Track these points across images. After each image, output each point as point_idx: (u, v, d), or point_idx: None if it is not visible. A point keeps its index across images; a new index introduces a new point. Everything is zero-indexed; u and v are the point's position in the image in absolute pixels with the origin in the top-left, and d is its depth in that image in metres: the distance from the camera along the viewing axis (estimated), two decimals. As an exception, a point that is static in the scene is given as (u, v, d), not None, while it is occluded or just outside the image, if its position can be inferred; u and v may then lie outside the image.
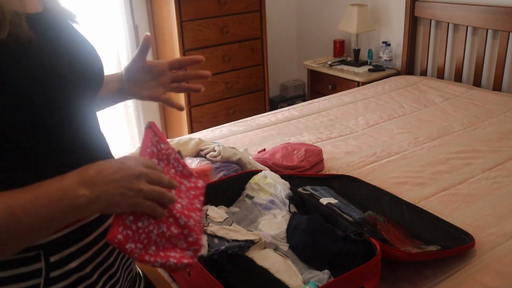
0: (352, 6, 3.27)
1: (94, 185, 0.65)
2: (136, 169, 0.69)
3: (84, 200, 0.64)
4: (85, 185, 0.65)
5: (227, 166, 1.65)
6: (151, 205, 0.71)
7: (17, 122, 0.65)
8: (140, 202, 0.69)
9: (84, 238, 0.75)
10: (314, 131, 2.32)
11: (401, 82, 3.00)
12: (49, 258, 0.70)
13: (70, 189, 0.64)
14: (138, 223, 0.72)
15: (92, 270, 0.76)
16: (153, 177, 0.71)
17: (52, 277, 0.71)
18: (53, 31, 0.74)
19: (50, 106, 0.68)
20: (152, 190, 0.70)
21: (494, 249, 1.36)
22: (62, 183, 0.65)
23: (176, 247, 0.77)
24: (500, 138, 2.10)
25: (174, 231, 0.76)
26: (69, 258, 0.73)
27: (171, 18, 3.01)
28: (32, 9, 0.73)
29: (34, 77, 0.65)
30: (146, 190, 0.69)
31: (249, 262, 1.16)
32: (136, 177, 0.68)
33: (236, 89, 3.39)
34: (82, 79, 0.75)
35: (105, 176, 0.66)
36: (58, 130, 0.71)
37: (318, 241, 1.19)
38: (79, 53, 0.77)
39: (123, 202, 0.67)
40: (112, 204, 0.67)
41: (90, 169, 0.67)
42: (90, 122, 0.79)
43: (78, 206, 0.64)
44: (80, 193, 0.64)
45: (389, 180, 1.78)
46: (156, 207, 0.71)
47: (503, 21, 2.62)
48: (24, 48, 0.65)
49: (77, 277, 0.74)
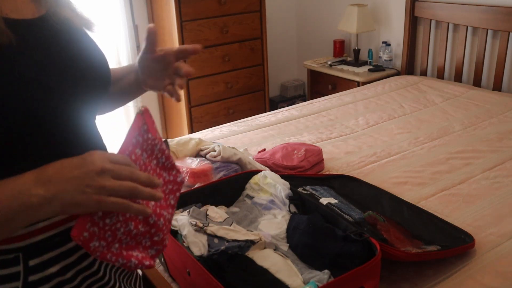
0: (352, 6, 3.27)
1: (50, 183, 0.61)
2: (98, 165, 0.63)
3: (37, 200, 0.60)
4: (40, 183, 0.61)
5: (227, 166, 1.65)
6: (118, 202, 0.64)
7: (4, 129, 0.63)
8: (103, 200, 0.63)
9: (66, 243, 0.73)
10: (314, 131, 2.32)
11: (401, 82, 3.00)
12: (28, 262, 0.69)
13: (24, 188, 0.60)
14: (106, 219, 0.68)
15: (74, 275, 0.74)
16: (122, 173, 0.65)
17: (30, 280, 0.69)
18: (49, 37, 0.72)
19: (34, 115, 0.65)
20: (119, 186, 0.64)
21: (494, 249, 1.36)
22: (16, 182, 0.61)
23: (140, 245, 0.75)
24: (500, 138, 2.10)
25: (141, 229, 0.73)
26: (50, 262, 0.71)
27: (171, 18, 3.01)
28: (28, 14, 0.71)
29: (14, 88, 0.62)
30: (110, 187, 0.63)
31: (249, 262, 1.16)
32: (98, 173, 0.62)
33: (236, 89, 3.39)
34: (75, 88, 0.72)
35: (63, 174, 0.62)
36: (48, 137, 0.69)
37: (318, 241, 1.19)
38: (77, 61, 0.74)
39: (83, 200, 0.62)
40: (72, 203, 0.62)
41: (49, 167, 0.63)
42: (83, 126, 0.77)
43: (31, 206, 0.60)
44: (34, 192, 0.60)
45: (389, 180, 1.78)
46: (125, 204, 0.65)
47: (503, 21, 2.62)
48: (5, 55, 0.63)
49: (58, 281, 0.72)
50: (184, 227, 1.20)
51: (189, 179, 1.56)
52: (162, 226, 0.76)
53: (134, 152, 0.74)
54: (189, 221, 1.21)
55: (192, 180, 1.56)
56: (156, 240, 0.76)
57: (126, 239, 0.72)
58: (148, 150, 0.78)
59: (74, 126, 0.74)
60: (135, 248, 0.74)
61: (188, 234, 1.18)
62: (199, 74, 3.18)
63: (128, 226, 0.71)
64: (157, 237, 0.76)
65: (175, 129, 3.41)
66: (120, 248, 0.71)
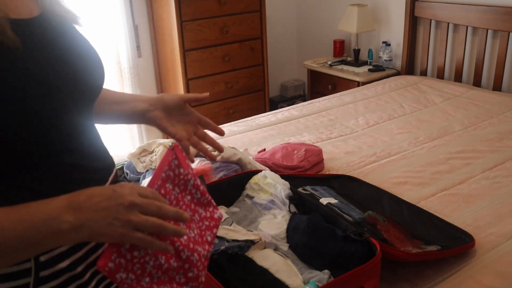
0: (352, 6, 3.27)
1: (80, 211, 0.63)
2: (127, 199, 0.65)
3: (67, 227, 0.62)
4: (71, 210, 0.62)
5: (227, 166, 1.65)
6: (143, 237, 0.66)
7: (7, 128, 0.64)
8: (128, 234, 0.64)
9: None
10: (314, 131, 2.32)
11: (401, 82, 3.00)
12: (38, 258, 0.69)
13: (54, 214, 0.62)
14: (134, 252, 0.68)
15: (83, 270, 0.75)
16: (150, 208, 0.67)
17: (41, 276, 0.70)
18: (47, 36, 0.73)
19: (37, 114, 0.66)
20: (145, 221, 0.65)
21: (494, 249, 1.36)
22: (48, 207, 0.62)
23: (173, 281, 0.73)
24: (500, 138, 2.10)
25: (174, 264, 0.72)
26: (60, 258, 0.71)
27: (171, 18, 3.01)
28: (26, 14, 0.71)
29: (20, 87, 0.64)
30: (136, 221, 0.65)
31: (249, 262, 1.16)
32: (126, 207, 0.64)
33: (236, 89, 3.39)
34: (76, 88, 0.73)
35: (93, 204, 0.64)
36: (50, 136, 0.70)
37: (318, 241, 1.19)
38: (75, 59, 0.75)
39: (109, 232, 0.64)
40: (98, 233, 0.64)
41: (81, 194, 0.65)
42: (86, 126, 0.78)
43: (60, 232, 0.62)
44: (64, 218, 0.62)
45: (389, 180, 1.78)
46: (149, 240, 0.67)
47: (503, 21, 2.62)
48: (8, 56, 0.64)
49: (68, 276, 0.73)
50: (184, 227, 1.20)
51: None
52: (196, 262, 0.75)
53: (164, 186, 0.74)
54: (189, 221, 1.21)
55: (192, 180, 1.56)
56: (190, 276, 0.74)
57: (157, 274, 0.71)
58: (181, 185, 0.78)
59: (76, 124, 0.75)
60: (167, 283, 0.72)
61: (188, 234, 1.18)
62: (199, 74, 3.18)
63: (158, 260, 0.70)
64: (192, 273, 0.74)
65: (175, 129, 3.40)
66: (151, 282, 0.70)
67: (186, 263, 0.73)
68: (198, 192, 0.81)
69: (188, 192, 0.79)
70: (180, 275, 0.74)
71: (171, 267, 0.72)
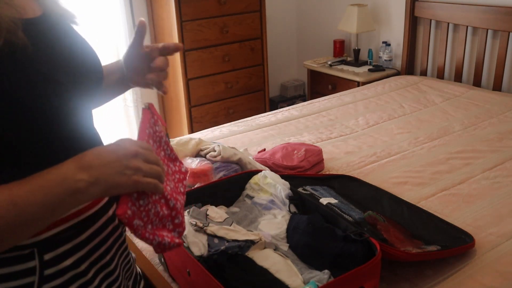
0: (352, 6, 3.27)
1: (92, 168, 0.65)
2: (132, 148, 0.69)
3: (83, 184, 0.64)
4: (83, 169, 0.65)
5: (227, 166, 1.65)
6: (152, 181, 0.70)
7: (13, 125, 0.65)
8: (140, 180, 0.68)
9: (78, 236, 0.75)
10: (314, 131, 2.32)
11: (401, 82, 3.00)
12: (43, 256, 0.71)
13: (68, 175, 0.64)
14: (140, 200, 0.72)
15: (87, 268, 0.76)
16: (150, 158, 0.71)
17: (46, 275, 0.71)
18: (51, 35, 0.74)
19: (46, 111, 0.68)
20: (151, 168, 0.70)
21: (494, 249, 1.36)
22: (60, 170, 0.65)
23: (165, 228, 0.78)
24: (500, 138, 2.10)
25: (165, 211, 0.77)
26: (64, 256, 0.73)
27: (171, 18, 3.01)
28: (30, 13, 0.72)
29: (31, 85, 0.65)
30: (145, 168, 0.69)
31: (249, 262, 1.16)
32: (133, 156, 0.68)
33: (236, 89, 3.39)
34: (78, 83, 0.75)
35: (102, 159, 0.66)
36: (53, 131, 0.71)
37: (318, 241, 1.19)
38: (76, 57, 0.77)
39: (123, 181, 0.67)
40: (113, 185, 0.66)
41: (87, 154, 0.67)
42: (84, 121, 0.79)
43: (78, 190, 0.64)
44: (78, 177, 0.64)
45: (389, 180, 1.78)
46: (156, 184, 0.71)
47: (503, 21, 2.62)
48: (19, 56, 0.65)
49: (72, 274, 0.74)
50: (184, 227, 1.20)
51: (189, 179, 1.56)
52: (180, 210, 0.80)
53: (148, 142, 0.80)
54: (189, 221, 1.21)
55: (192, 180, 1.57)
56: (177, 222, 0.80)
57: (156, 221, 0.76)
58: (157, 141, 0.84)
59: (78, 121, 0.76)
60: (162, 230, 0.77)
61: (188, 234, 1.18)
62: (199, 74, 3.18)
63: (156, 208, 0.75)
64: (177, 220, 0.80)
65: (175, 129, 3.41)
66: (153, 229, 0.75)
67: (173, 211, 0.79)
68: (168, 148, 0.87)
69: (162, 148, 0.86)
70: (169, 222, 0.79)
71: (164, 215, 0.77)
